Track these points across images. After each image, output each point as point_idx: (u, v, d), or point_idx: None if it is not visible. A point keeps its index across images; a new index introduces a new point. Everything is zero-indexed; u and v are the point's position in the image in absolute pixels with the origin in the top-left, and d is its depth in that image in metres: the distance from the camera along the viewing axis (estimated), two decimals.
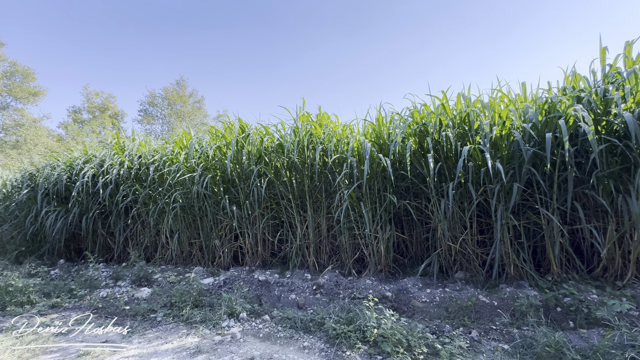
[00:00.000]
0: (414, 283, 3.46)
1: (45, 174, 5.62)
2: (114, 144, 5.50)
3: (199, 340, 2.40)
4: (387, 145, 3.56)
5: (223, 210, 4.48)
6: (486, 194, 3.36)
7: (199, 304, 3.00)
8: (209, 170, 4.43)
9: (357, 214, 3.91)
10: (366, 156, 3.09)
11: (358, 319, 2.39)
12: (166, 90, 27.69)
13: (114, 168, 4.97)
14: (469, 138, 3.33)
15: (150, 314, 2.96)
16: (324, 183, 4.09)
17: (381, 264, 3.83)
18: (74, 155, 5.85)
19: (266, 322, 2.69)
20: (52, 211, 5.44)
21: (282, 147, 4.11)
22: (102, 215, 5.45)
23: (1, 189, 6.87)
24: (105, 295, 3.67)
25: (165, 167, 4.68)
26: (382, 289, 3.34)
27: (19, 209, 6.14)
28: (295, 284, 3.68)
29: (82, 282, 4.14)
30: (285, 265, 4.48)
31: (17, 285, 3.46)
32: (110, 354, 2.26)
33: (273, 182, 4.27)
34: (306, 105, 3.98)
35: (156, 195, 4.86)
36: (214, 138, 4.53)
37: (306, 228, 4.29)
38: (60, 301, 3.47)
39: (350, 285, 3.49)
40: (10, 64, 21.19)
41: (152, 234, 5.17)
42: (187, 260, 4.98)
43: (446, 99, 3.33)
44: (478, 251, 3.43)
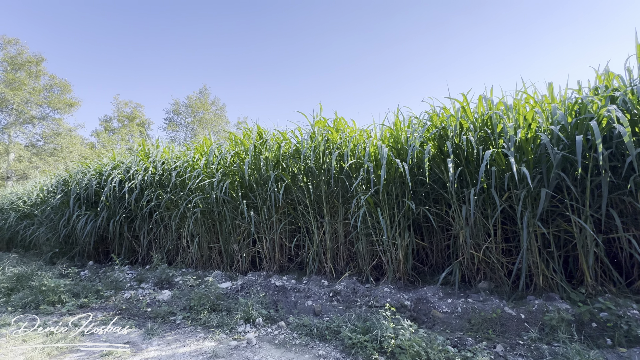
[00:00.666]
0: (434, 292, 3.33)
1: (77, 180, 5.95)
2: (140, 151, 5.75)
3: (216, 344, 2.42)
4: (405, 150, 3.49)
5: (241, 215, 4.54)
6: (511, 200, 3.20)
7: (217, 308, 3.04)
8: (228, 176, 4.52)
9: (375, 220, 3.84)
10: (383, 161, 3.03)
11: (375, 328, 2.32)
12: (190, 98, 28.80)
13: (139, 174, 5.18)
14: (491, 142, 3.20)
15: (170, 316, 3.03)
16: (340, 188, 4.06)
17: (400, 272, 3.72)
18: (103, 162, 6.16)
19: (282, 329, 2.67)
20: (82, 215, 5.73)
21: (299, 152, 4.13)
22: (128, 219, 5.69)
23: (39, 193, 7.34)
24: (129, 297, 3.80)
25: (186, 172, 4.83)
26: (401, 298, 3.24)
27: (53, 212, 6.53)
28: (312, 290, 3.65)
29: (109, 283, 4.32)
30: (302, 271, 4.47)
31: (49, 285, 3.65)
32: (131, 355, 2.32)
33: (290, 187, 4.29)
34: (323, 110, 3.99)
35: (178, 200, 5.02)
36: (233, 144, 4.63)
37: (323, 234, 4.27)
38: (87, 301, 3.62)
39: (368, 293, 3.42)
40: (50, 78, 22.83)
41: (174, 238, 5.32)
42: (207, 264, 5.08)
43: (467, 101, 3.22)
44: (503, 260, 3.26)
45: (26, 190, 8.50)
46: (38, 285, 3.78)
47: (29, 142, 22.30)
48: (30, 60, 21.65)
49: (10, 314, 3.40)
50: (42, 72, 22.38)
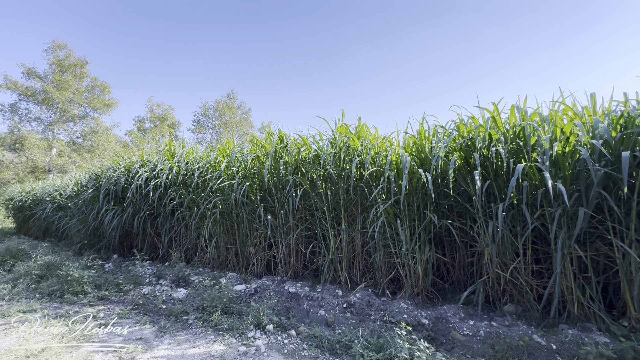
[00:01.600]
0: (454, 312, 3.14)
1: (108, 176, 6.25)
2: (166, 150, 5.95)
3: (225, 348, 2.39)
4: (429, 159, 3.35)
5: (259, 218, 4.55)
6: (544, 218, 2.97)
7: (229, 311, 3.02)
8: (248, 179, 4.56)
9: (394, 231, 3.71)
10: (405, 170, 2.91)
11: (388, 346, 2.20)
12: (217, 102, 29.79)
13: (164, 173, 5.35)
14: (523, 155, 3.00)
15: (183, 315, 3.05)
16: (359, 196, 3.96)
17: (418, 287, 3.55)
18: (132, 160, 6.44)
19: (292, 338, 2.60)
20: (110, 210, 6.00)
21: (318, 158, 4.09)
22: (152, 216, 5.88)
23: (73, 187, 7.79)
24: (147, 293, 3.88)
25: (208, 173, 4.92)
26: (418, 315, 3.08)
27: (85, 205, 6.88)
28: (326, 299, 3.56)
29: (129, 277, 4.45)
30: (317, 279, 4.38)
31: (74, 276, 3.81)
32: (142, 352, 2.34)
33: (308, 193, 4.25)
34: (345, 116, 3.93)
35: (199, 200, 5.12)
36: (255, 147, 4.67)
37: (339, 242, 4.18)
38: (108, 294, 3.74)
39: (383, 307, 3.28)
40: (92, 80, 24.45)
41: (193, 237, 5.42)
42: (223, 265, 5.12)
43: (497, 111, 3.05)
44: (533, 283, 3.02)
45: (63, 183, 9.06)
46: (64, 275, 3.95)
47: (70, 139, 23.91)
48: (76, 63, 23.32)
49: (37, 301, 3.57)
50: (85, 74, 24.03)
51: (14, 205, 12.15)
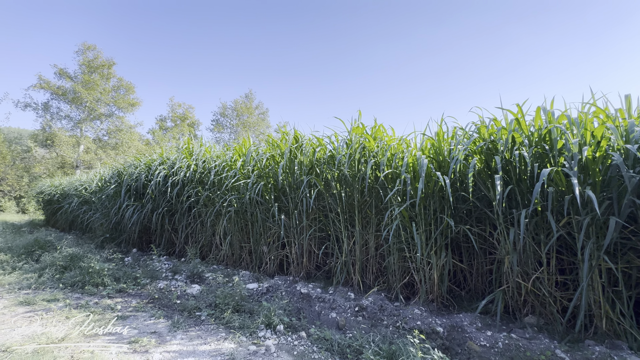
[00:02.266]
0: (471, 321, 3.02)
1: (129, 172, 6.46)
2: (184, 148, 6.09)
3: (235, 347, 2.40)
4: (447, 162, 3.24)
5: (272, 217, 4.56)
6: (570, 226, 2.81)
7: (240, 309, 3.04)
8: (262, 178, 4.59)
9: (409, 235, 3.62)
10: (422, 173, 2.83)
11: (400, 354, 2.13)
12: (236, 102, 30.33)
13: (182, 170, 5.47)
14: (549, 159, 2.85)
15: (196, 311, 3.09)
16: (374, 198, 3.90)
17: (433, 293, 3.45)
18: (152, 157, 6.63)
19: (302, 339, 2.58)
20: (130, 205, 6.19)
21: (333, 158, 4.05)
22: (169, 212, 6.03)
23: (97, 182, 8.12)
24: (163, 287, 3.97)
25: (224, 171, 4.99)
26: (433, 322, 2.98)
27: (107, 200, 7.15)
28: (337, 302, 3.51)
29: (147, 272, 4.58)
30: (329, 280, 4.35)
31: (95, 268, 3.95)
32: (155, 346, 2.38)
33: (322, 193, 4.22)
34: (362, 116, 3.88)
35: (215, 198, 5.20)
36: (270, 147, 4.69)
37: (353, 244, 4.12)
38: (125, 287, 3.85)
39: (396, 313, 3.20)
40: (118, 80, 25.48)
41: (209, 234, 5.51)
42: (237, 263, 5.17)
43: (522, 113, 2.91)
44: (557, 294, 2.86)
45: (88, 178, 9.46)
46: (86, 267, 4.11)
47: (96, 136, 25.01)
48: (104, 64, 24.37)
49: (60, 291, 3.72)
50: (112, 75, 25.07)
51: (44, 199, 12.81)
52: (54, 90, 22.87)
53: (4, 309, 3.10)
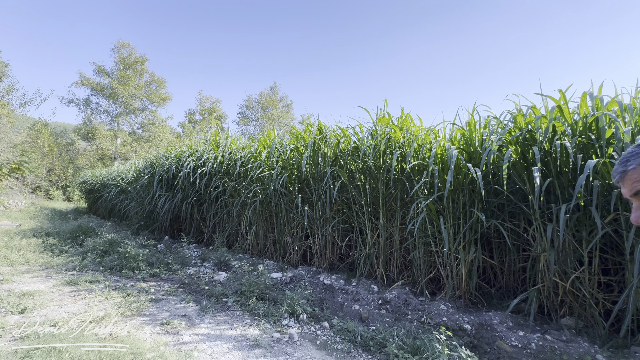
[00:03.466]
0: (501, 319, 2.89)
1: (161, 164, 6.77)
2: (212, 141, 6.26)
3: (259, 333, 2.46)
4: (479, 153, 3.07)
5: (296, 208, 4.60)
6: (617, 223, 2.57)
7: (264, 297, 3.10)
8: (286, 169, 4.62)
9: (436, 229, 3.50)
10: (451, 165, 2.70)
11: (425, 350, 2.08)
12: (261, 95, 30.72)
13: (209, 162, 5.64)
14: (594, 150, 2.61)
15: (223, 297, 3.20)
16: (399, 191, 3.80)
17: (461, 289, 3.33)
18: (182, 149, 6.89)
19: (325, 330, 2.59)
20: (162, 195, 6.50)
21: (358, 150, 3.99)
22: (198, 202, 6.26)
23: (133, 173, 8.59)
24: (192, 273, 4.15)
25: (249, 163, 5.08)
26: (460, 319, 2.88)
27: (142, 190, 7.56)
28: (360, 294, 3.50)
29: (177, 258, 4.81)
30: (352, 272, 4.33)
31: (131, 254, 4.21)
32: (185, 328, 2.50)
33: (346, 185, 4.18)
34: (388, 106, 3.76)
35: (240, 189, 5.32)
36: (294, 138, 4.70)
37: (377, 237, 4.07)
38: (158, 272, 4.07)
39: (421, 307, 3.13)
40: (150, 75, 26.64)
41: (235, 224, 5.68)
42: (261, 253, 5.30)
43: (564, 99, 2.68)
44: (599, 296, 2.65)
45: (124, 169, 10.05)
46: (123, 252, 4.38)
47: (131, 130, 26.45)
48: (137, 60, 25.54)
49: (101, 273, 4.00)
50: (145, 71, 26.24)
51: (86, 188, 13.81)
52: (93, 86, 24.37)
53: (53, 287, 3.39)
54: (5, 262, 4.34)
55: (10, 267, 4.15)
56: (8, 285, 3.36)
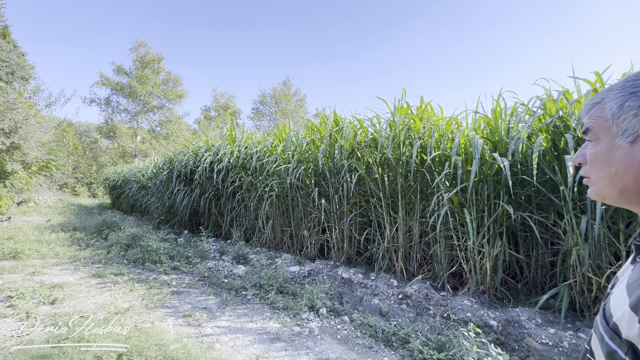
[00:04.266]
0: (529, 316, 2.77)
1: (179, 159, 6.88)
2: (228, 136, 6.30)
3: (280, 326, 2.46)
4: (505, 142, 2.92)
5: (313, 202, 4.57)
6: None
7: (283, 291, 3.10)
8: (303, 163, 4.58)
9: (458, 222, 3.38)
10: (476, 155, 2.58)
11: (452, 347, 2.01)
12: (274, 90, 30.76)
13: (226, 156, 5.68)
14: None
15: (242, 290, 3.23)
16: (419, 183, 3.69)
17: (485, 284, 3.21)
18: (199, 145, 6.98)
19: (345, 324, 2.56)
20: (181, 190, 6.63)
21: (375, 141, 3.89)
22: (215, 197, 6.35)
23: (152, 169, 8.81)
24: (211, 267, 4.21)
25: (265, 157, 5.07)
26: (485, 315, 2.78)
27: (161, 185, 7.74)
28: (380, 288, 3.44)
29: (197, 252, 4.90)
30: (370, 266, 4.28)
31: (153, 247, 4.31)
32: (207, 320, 2.53)
33: (363, 178, 4.10)
34: (406, 95, 3.63)
35: (257, 183, 5.34)
36: (309, 131, 4.65)
37: (396, 230, 3.98)
38: (179, 265, 4.15)
39: (444, 303, 3.04)
40: (167, 73, 27.14)
41: (252, 218, 5.72)
42: (279, 246, 5.32)
43: (601, 82, 2.49)
44: None
45: (144, 165, 10.32)
46: (145, 245, 4.50)
47: (150, 127, 27.15)
48: (154, 59, 26.06)
49: (125, 266, 4.12)
50: (162, 69, 26.75)
51: (109, 184, 14.31)
52: (113, 86, 25.10)
53: (80, 279, 3.52)
54: (37, 255, 4.54)
55: (42, 259, 4.35)
56: (40, 277, 3.51)
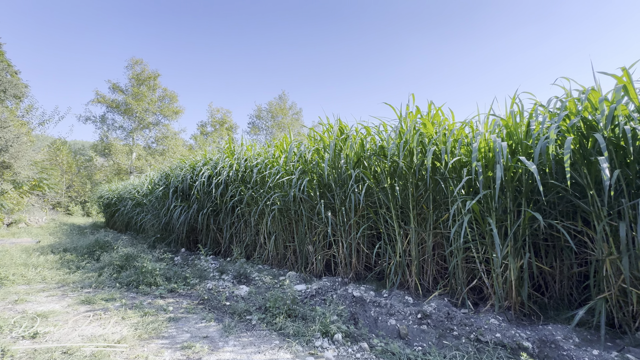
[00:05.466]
0: (565, 335, 2.51)
1: (175, 174, 6.64)
2: (226, 148, 6.09)
3: (291, 357, 2.17)
4: (525, 145, 2.74)
5: (318, 215, 4.33)
6: None
7: (292, 314, 2.82)
8: (307, 174, 4.36)
9: (476, 232, 3.16)
10: (499, 159, 2.38)
11: None
12: (270, 104, 30.88)
13: (224, 170, 5.45)
14: None
15: (246, 315, 2.94)
16: (431, 192, 3.48)
17: (510, 300, 2.96)
18: (196, 159, 6.76)
19: (364, 352, 2.28)
20: (178, 206, 6.35)
21: (383, 149, 3.70)
22: (214, 212, 6.07)
23: (148, 185, 8.53)
24: (211, 288, 3.91)
25: (266, 169, 4.85)
26: (517, 336, 2.52)
27: (157, 202, 7.45)
28: (395, 307, 3.16)
29: (195, 271, 4.59)
30: (381, 282, 4.01)
31: (147, 268, 4.01)
32: (208, 352, 2.24)
33: (371, 188, 3.89)
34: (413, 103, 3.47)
35: (258, 197, 5.10)
36: (312, 141, 4.46)
37: (407, 243, 3.74)
38: (176, 287, 3.85)
39: (468, 322, 2.77)
40: (163, 90, 27.17)
41: (253, 234, 5.44)
42: (282, 263, 5.03)
43: (628, 77, 2.33)
44: None
45: (140, 182, 10.04)
46: (140, 266, 4.19)
47: (146, 144, 26.92)
48: (150, 76, 26.13)
49: (117, 290, 3.81)
50: (157, 86, 26.79)
51: (103, 202, 13.94)
52: (109, 103, 25.01)
53: (67, 307, 3.20)
54: (22, 280, 4.21)
55: (27, 285, 4.02)
56: (22, 306, 3.19)
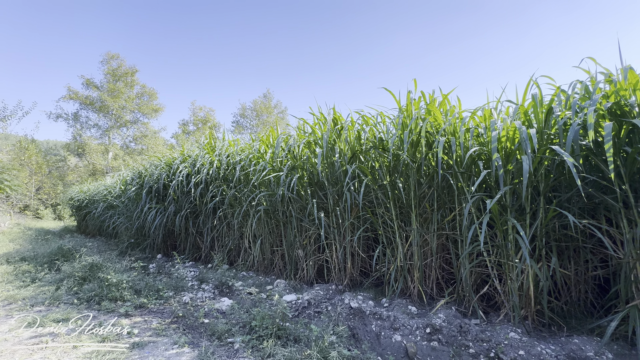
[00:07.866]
0: (596, 349, 2.20)
1: (150, 173, 6.04)
2: (206, 144, 5.57)
3: None
4: (546, 134, 2.41)
5: (309, 216, 3.90)
6: None
7: (282, 335, 2.38)
8: (296, 170, 3.92)
9: (487, 234, 2.83)
10: (527, 149, 2.04)
11: None
12: (255, 102, 30.15)
13: (204, 167, 4.94)
14: None
15: (227, 336, 2.48)
16: (436, 189, 3.13)
17: (527, 309, 2.64)
18: (173, 156, 6.18)
19: None
20: (153, 208, 5.76)
21: (382, 142, 3.32)
22: (193, 214, 5.53)
23: (120, 186, 7.84)
24: (188, 301, 3.41)
25: (251, 165, 4.38)
26: (543, 352, 2.19)
27: (130, 203, 6.80)
28: (399, 319, 2.78)
29: (171, 281, 4.06)
30: (379, 289, 3.63)
31: (112, 281, 3.46)
32: None
33: (368, 186, 3.50)
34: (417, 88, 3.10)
35: (241, 197, 4.61)
36: (302, 134, 4.02)
37: (409, 246, 3.38)
38: (146, 302, 3.33)
39: (485, 337, 2.43)
40: (141, 87, 25.93)
41: (236, 237, 4.95)
42: (269, 269, 4.57)
43: None
44: None
45: (112, 182, 9.27)
46: (104, 278, 3.64)
47: (123, 143, 25.61)
48: (127, 72, 24.85)
49: (75, 308, 3.25)
50: (136, 82, 25.53)
51: (74, 204, 12.96)
52: (82, 100, 23.60)
53: (8, 332, 2.64)
54: None
55: None
56: None
